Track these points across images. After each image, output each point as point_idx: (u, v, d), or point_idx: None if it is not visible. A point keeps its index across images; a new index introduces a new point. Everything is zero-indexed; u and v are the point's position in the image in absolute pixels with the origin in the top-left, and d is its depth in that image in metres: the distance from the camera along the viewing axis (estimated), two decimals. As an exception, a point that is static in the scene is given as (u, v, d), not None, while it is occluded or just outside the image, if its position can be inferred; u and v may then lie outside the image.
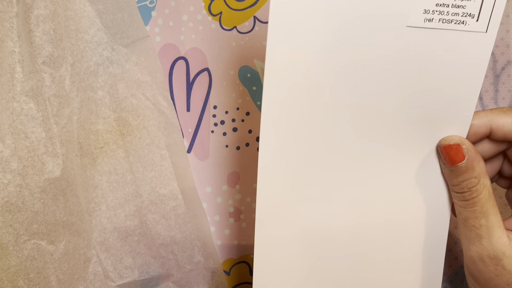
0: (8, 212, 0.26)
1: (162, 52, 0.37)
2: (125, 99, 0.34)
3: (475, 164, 0.23)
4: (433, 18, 0.21)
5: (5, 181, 0.26)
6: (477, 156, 0.23)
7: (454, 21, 0.22)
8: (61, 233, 0.30)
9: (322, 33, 0.22)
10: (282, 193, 0.25)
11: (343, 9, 0.21)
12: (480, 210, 0.23)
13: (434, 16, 0.21)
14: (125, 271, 0.34)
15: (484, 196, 0.23)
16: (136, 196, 0.34)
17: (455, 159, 0.23)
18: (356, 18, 0.21)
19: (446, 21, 0.22)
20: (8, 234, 0.27)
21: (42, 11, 0.28)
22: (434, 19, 0.21)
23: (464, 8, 0.21)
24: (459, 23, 0.22)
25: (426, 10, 0.21)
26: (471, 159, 0.23)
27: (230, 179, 0.37)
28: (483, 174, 0.23)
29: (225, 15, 0.36)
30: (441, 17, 0.21)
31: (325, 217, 0.25)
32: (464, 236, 0.24)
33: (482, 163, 0.23)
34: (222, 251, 0.38)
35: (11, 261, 0.27)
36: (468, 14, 0.21)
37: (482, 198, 0.23)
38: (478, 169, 0.23)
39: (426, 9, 0.21)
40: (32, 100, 0.28)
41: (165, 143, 0.34)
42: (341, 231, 0.26)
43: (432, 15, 0.21)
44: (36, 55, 0.28)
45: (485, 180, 0.23)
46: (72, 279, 0.32)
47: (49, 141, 0.28)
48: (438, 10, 0.21)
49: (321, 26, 0.22)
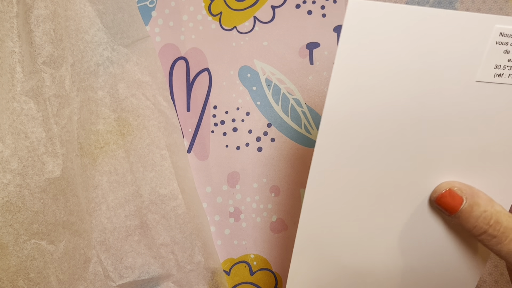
0: (8, 212, 0.26)
1: (162, 52, 0.37)
2: (126, 99, 0.34)
3: (476, 198, 0.22)
4: (503, 74, 0.21)
5: (5, 181, 0.26)
6: (473, 190, 0.22)
7: None
8: (61, 233, 0.30)
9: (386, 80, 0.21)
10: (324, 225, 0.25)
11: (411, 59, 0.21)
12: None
13: (505, 71, 0.21)
14: (125, 271, 0.34)
15: (508, 221, 0.21)
16: (136, 196, 0.34)
17: (455, 205, 0.22)
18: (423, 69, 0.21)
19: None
20: (8, 234, 0.27)
21: (42, 11, 0.28)
22: (504, 74, 0.21)
23: None
24: None
25: (498, 66, 0.21)
26: (470, 196, 0.22)
27: (230, 179, 0.37)
28: (489, 202, 0.22)
29: (225, 15, 0.36)
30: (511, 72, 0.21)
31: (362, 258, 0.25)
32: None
33: (481, 193, 0.22)
34: (222, 251, 0.38)
35: (11, 261, 0.27)
36: None
37: (508, 224, 0.21)
38: (482, 201, 0.22)
39: (497, 64, 0.21)
40: (32, 100, 0.28)
41: (165, 143, 0.34)
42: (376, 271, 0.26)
43: (503, 70, 0.21)
44: (36, 55, 0.28)
45: (495, 206, 0.22)
46: (72, 279, 0.32)
47: (49, 141, 0.28)
48: (510, 65, 0.21)
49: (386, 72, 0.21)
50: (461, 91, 0.21)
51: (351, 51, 0.21)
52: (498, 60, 0.21)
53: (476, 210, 0.22)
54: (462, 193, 0.22)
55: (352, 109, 0.22)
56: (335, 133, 0.22)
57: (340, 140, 0.22)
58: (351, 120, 0.22)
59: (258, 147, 0.37)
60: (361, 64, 0.21)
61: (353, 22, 0.20)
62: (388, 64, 0.21)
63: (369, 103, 0.22)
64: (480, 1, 0.34)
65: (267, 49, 0.36)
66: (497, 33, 0.20)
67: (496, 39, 0.20)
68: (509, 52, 0.21)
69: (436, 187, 0.23)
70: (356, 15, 0.20)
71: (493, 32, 0.20)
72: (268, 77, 0.36)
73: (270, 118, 0.36)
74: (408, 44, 0.20)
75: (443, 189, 0.23)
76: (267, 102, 0.36)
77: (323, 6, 0.35)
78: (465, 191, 0.22)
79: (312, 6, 0.35)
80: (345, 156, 0.23)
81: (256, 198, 0.37)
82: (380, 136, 0.22)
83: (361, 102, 0.22)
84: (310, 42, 0.35)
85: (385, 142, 0.22)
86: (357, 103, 0.22)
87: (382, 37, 0.20)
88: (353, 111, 0.22)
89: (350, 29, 0.20)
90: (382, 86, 0.21)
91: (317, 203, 0.24)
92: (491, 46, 0.21)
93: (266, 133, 0.37)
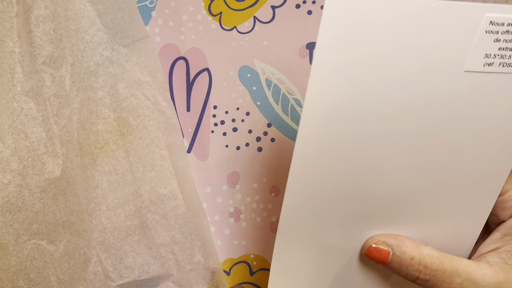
0: (8, 212, 0.26)
1: (162, 52, 0.37)
2: (125, 99, 0.34)
3: (402, 247, 0.23)
4: (493, 63, 0.21)
5: (5, 181, 0.26)
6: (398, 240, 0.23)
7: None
8: (61, 233, 0.30)
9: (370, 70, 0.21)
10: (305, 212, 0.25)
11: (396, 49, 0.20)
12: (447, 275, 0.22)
13: (495, 60, 0.21)
14: (125, 271, 0.34)
15: (436, 263, 0.22)
16: (136, 196, 0.34)
17: (383, 257, 0.23)
18: (409, 60, 0.20)
19: (506, 65, 0.21)
20: (8, 234, 0.27)
21: (42, 11, 0.28)
22: (495, 63, 0.21)
23: None
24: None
25: (488, 55, 0.21)
26: (396, 247, 0.23)
27: (230, 179, 0.37)
28: (416, 248, 0.23)
29: (225, 15, 0.36)
30: (502, 61, 0.21)
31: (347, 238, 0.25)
32: None
33: (407, 240, 0.23)
34: (222, 251, 0.38)
35: (11, 261, 0.27)
36: None
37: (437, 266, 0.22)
38: (408, 249, 0.23)
39: (488, 53, 0.21)
40: (32, 100, 0.28)
41: (165, 143, 0.34)
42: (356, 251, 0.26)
43: (493, 59, 0.21)
44: (36, 55, 0.28)
45: (422, 251, 0.23)
46: (72, 279, 0.32)
47: (49, 141, 0.28)
48: (500, 54, 0.21)
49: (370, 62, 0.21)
50: (449, 81, 0.21)
51: (333, 42, 0.20)
52: (488, 49, 0.20)
53: (404, 259, 0.23)
54: (387, 245, 0.23)
55: (334, 100, 0.21)
56: (317, 124, 0.22)
57: (322, 130, 0.22)
58: (334, 110, 0.21)
59: (258, 147, 0.37)
60: (344, 55, 0.20)
61: (334, 11, 0.19)
62: (372, 54, 0.20)
63: (352, 94, 0.21)
64: (480, 1, 0.34)
65: (267, 49, 0.36)
66: (487, 22, 0.20)
67: (486, 28, 0.20)
68: (499, 40, 0.20)
69: (364, 244, 0.24)
70: (337, 3, 0.19)
71: (482, 21, 0.20)
72: (268, 77, 0.36)
73: (270, 118, 0.36)
74: (393, 33, 0.20)
75: (369, 245, 0.24)
76: (267, 102, 0.36)
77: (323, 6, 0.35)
78: (390, 242, 0.23)
79: (312, 6, 0.35)
80: (327, 145, 0.22)
81: (256, 198, 0.37)
82: (364, 127, 0.22)
83: (344, 92, 0.21)
84: (310, 42, 0.35)
85: (369, 134, 0.22)
86: (340, 94, 0.21)
87: (366, 26, 0.20)
88: (336, 102, 0.21)
89: (331, 18, 0.20)
90: (367, 77, 0.21)
91: (300, 188, 0.24)
92: (480, 35, 0.20)
93: (266, 133, 0.37)
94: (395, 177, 0.23)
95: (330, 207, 0.24)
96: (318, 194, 0.24)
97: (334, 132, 0.22)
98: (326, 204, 0.24)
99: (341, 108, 0.21)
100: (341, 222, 0.25)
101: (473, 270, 0.22)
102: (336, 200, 0.24)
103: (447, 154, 0.23)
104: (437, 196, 0.24)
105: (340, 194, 0.24)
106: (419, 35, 0.20)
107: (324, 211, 0.24)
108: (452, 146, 0.22)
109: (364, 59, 0.20)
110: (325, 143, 0.22)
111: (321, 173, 0.23)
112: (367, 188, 0.24)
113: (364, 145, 0.22)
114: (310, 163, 0.23)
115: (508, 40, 0.20)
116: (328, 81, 0.21)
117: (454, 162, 0.23)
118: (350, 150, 0.22)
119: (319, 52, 0.20)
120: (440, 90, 0.21)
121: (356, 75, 0.21)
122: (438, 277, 0.22)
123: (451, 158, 0.23)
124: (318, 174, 0.23)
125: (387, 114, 0.22)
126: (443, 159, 0.23)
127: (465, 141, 0.22)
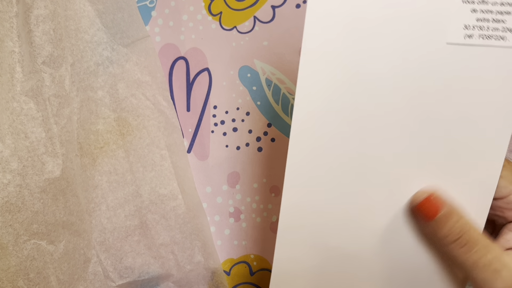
0: (8, 212, 0.26)
1: (162, 52, 0.36)
2: (125, 99, 0.34)
3: (455, 206, 0.23)
4: (473, 34, 0.21)
5: (5, 181, 0.26)
6: (450, 198, 0.23)
7: (494, 37, 0.21)
8: (61, 233, 0.30)
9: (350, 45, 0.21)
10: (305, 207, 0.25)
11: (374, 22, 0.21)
12: (483, 246, 0.22)
13: (474, 32, 0.21)
14: (125, 271, 0.34)
15: (476, 232, 0.22)
16: (136, 196, 0.34)
17: (434, 211, 0.22)
18: (390, 33, 0.21)
19: (486, 37, 0.21)
20: (8, 234, 0.27)
21: (42, 11, 0.28)
22: (474, 35, 0.21)
23: (504, 23, 0.21)
24: (498, 38, 0.21)
25: (467, 26, 0.21)
26: (448, 204, 0.23)
27: (230, 179, 0.37)
28: (463, 212, 0.23)
29: (225, 15, 0.36)
30: (481, 33, 0.21)
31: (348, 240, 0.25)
32: (480, 281, 0.22)
33: (455, 202, 0.23)
34: (222, 251, 0.38)
35: (11, 261, 0.27)
36: (508, 29, 0.21)
37: (478, 235, 0.22)
38: (458, 209, 0.22)
39: (466, 24, 0.21)
40: (32, 100, 0.28)
41: (165, 143, 0.34)
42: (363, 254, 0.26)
43: (472, 31, 0.21)
44: (36, 55, 0.28)
45: (467, 216, 0.22)
46: (72, 279, 0.32)
47: (49, 141, 0.28)
48: (479, 25, 0.21)
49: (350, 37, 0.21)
50: (431, 54, 0.21)
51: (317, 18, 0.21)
52: (467, 20, 0.20)
53: (451, 218, 0.22)
54: (443, 198, 0.23)
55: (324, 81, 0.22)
56: (312, 116, 0.22)
57: (316, 123, 0.22)
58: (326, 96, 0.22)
59: (258, 147, 0.37)
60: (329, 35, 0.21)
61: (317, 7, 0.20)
62: (356, 32, 0.21)
63: (340, 72, 0.21)
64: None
65: (267, 49, 0.36)
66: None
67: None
68: (476, 11, 0.20)
69: (417, 193, 0.23)
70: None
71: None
72: (268, 77, 0.36)
73: (270, 118, 0.36)
74: (374, 10, 0.20)
75: (425, 194, 0.23)
76: (267, 102, 0.36)
77: None
78: (445, 196, 0.23)
79: (312, 6, 0.35)
80: (323, 141, 0.22)
81: (256, 198, 0.37)
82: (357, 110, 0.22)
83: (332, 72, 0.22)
84: (310, 42, 0.35)
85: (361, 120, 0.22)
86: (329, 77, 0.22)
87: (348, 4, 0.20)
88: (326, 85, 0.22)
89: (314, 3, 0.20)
90: (351, 55, 0.21)
91: (298, 187, 0.24)
92: (458, 6, 0.20)
93: (266, 133, 0.37)
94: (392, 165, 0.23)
95: (330, 204, 0.24)
96: (317, 191, 0.24)
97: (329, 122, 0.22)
98: (326, 202, 0.24)
99: (332, 91, 0.22)
100: (342, 221, 0.25)
101: (503, 253, 0.22)
102: (336, 197, 0.24)
103: (437, 125, 0.23)
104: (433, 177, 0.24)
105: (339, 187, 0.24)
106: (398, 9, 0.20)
107: (324, 209, 0.24)
108: (440, 118, 0.22)
109: (348, 36, 0.21)
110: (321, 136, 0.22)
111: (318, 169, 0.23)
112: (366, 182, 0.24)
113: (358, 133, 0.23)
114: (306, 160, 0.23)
115: (484, 11, 0.20)
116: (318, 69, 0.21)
117: (444, 133, 0.23)
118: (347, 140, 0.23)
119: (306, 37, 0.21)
120: (425, 65, 0.21)
121: (342, 52, 0.21)
122: (474, 245, 0.22)
123: (440, 130, 0.23)
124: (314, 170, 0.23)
125: (377, 92, 0.22)
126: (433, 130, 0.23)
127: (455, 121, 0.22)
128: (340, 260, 0.26)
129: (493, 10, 0.20)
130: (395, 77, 0.22)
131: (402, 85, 0.22)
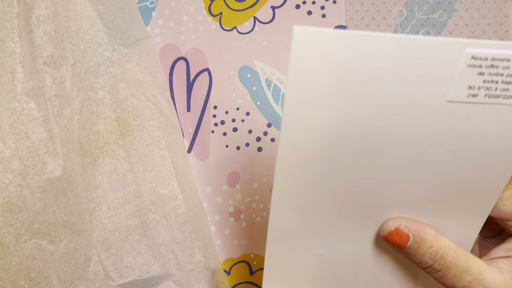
0: (9, 212, 0.27)
1: (162, 52, 0.37)
2: (126, 99, 0.34)
3: (423, 234, 0.23)
4: (478, 94, 0.20)
5: (6, 181, 0.26)
6: (419, 226, 0.23)
7: (503, 96, 0.20)
8: (61, 233, 0.30)
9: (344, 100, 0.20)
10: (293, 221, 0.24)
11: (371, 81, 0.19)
12: (459, 271, 0.22)
13: (480, 92, 0.20)
14: (126, 270, 0.34)
15: (452, 256, 0.22)
16: (137, 196, 0.34)
17: (402, 242, 0.23)
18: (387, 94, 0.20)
19: (493, 96, 0.20)
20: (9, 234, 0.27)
21: (43, 11, 0.28)
22: (480, 94, 0.20)
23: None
24: (508, 98, 0.20)
25: (472, 87, 0.20)
26: (417, 233, 0.23)
27: (230, 179, 0.37)
28: (435, 237, 0.23)
29: (225, 15, 0.36)
30: (488, 93, 0.20)
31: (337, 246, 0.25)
32: None
33: (428, 228, 0.23)
34: (222, 251, 0.38)
35: (12, 261, 0.27)
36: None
37: (452, 259, 0.22)
38: (428, 237, 0.22)
39: (471, 85, 0.20)
40: (33, 100, 0.28)
41: (165, 143, 0.34)
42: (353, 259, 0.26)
43: (478, 91, 0.20)
44: (37, 56, 0.28)
45: (441, 240, 0.22)
46: (72, 278, 0.32)
47: (50, 141, 0.29)
48: (485, 86, 0.20)
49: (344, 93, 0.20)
50: (429, 111, 0.20)
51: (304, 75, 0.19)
52: (472, 81, 0.20)
53: (422, 246, 0.23)
54: (408, 230, 0.23)
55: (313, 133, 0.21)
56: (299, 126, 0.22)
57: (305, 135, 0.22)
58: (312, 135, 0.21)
59: (258, 147, 0.37)
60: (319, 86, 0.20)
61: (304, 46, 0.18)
62: (349, 86, 0.20)
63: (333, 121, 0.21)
64: (479, 1, 0.34)
65: (267, 49, 0.36)
66: (469, 57, 0.19)
67: (468, 62, 0.19)
68: (483, 74, 0.20)
69: (383, 224, 0.24)
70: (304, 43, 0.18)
71: (463, 56, 0.19)
72: (268, 77, 0.36)
73: (270, 118, 0.37)
74: (370, 70, 0.19)
75: (390, 227, 0.23)
76: (267, 102, 0.36)
77: (323, 6, 0.35)
78: (412, 228, 0.23)
79: (312, 7, 0.35)
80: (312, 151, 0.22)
81: (256, 198, 0.37)
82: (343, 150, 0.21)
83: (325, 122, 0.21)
84: (310, 42, 0.36)
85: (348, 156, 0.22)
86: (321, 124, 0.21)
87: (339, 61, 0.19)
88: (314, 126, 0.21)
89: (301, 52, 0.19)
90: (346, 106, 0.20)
91: (287, 194, 0.23)
92: (462, 69, 0.19)
93: (266, 133, 0.37)
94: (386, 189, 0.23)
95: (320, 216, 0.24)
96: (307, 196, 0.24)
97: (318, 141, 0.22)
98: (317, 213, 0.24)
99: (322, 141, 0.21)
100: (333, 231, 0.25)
101: (484, 272, 0.22)
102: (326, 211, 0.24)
103: (436, 176, 0.22)
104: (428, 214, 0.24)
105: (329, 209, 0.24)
106: (397, 72, 0.19)
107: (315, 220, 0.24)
108: (440, 169, 0.22)
109: (341, 90, 0.20)
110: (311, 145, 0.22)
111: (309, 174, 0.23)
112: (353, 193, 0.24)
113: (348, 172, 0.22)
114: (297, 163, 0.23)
115: (493, 74, 0.20)
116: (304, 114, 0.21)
117: (444, 183, 0.23)
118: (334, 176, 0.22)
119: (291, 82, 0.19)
120: (422, 119, 0.21)
121: (335, 104, 0.20)
122: (450, 270, 0.22)
123: (440, 180, 0.23)
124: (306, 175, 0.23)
125: (370, 141, 0.21)
126: (432, 180, 0.23)
127: (453, 165, 0.22)
128: (331, 265, 0.26)
129: (503, 73, 0.20)
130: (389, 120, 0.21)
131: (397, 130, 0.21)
